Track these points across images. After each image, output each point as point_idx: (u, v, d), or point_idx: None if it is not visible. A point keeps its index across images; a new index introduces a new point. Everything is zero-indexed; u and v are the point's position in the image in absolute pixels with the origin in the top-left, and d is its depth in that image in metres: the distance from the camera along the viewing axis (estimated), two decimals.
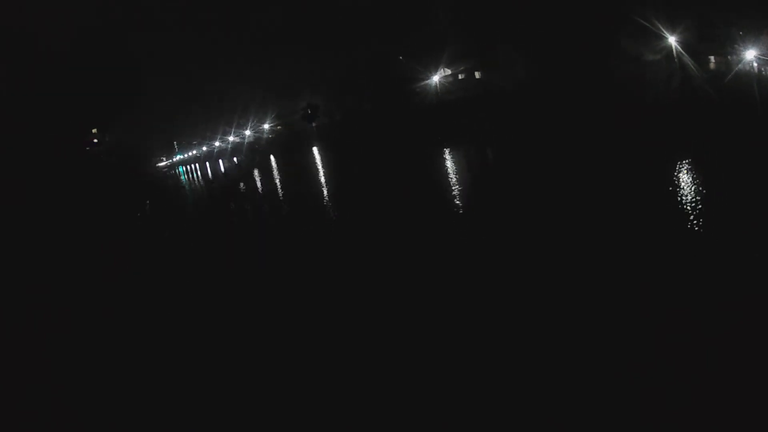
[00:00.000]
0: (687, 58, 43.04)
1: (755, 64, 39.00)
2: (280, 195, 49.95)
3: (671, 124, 36.37)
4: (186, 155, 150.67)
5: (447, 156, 53.00)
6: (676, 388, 10.49)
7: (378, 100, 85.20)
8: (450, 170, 43.52)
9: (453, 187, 35.13)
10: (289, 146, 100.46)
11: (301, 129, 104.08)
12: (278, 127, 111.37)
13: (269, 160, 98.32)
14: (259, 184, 63.86)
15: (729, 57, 41.41)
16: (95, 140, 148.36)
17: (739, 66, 39.73)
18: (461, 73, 74.28)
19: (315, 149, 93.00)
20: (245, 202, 50.86)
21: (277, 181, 63.18)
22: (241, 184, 66.40)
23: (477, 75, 72.35)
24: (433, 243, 23.53)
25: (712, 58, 43.57)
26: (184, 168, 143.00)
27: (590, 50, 50.22)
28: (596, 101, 45.65)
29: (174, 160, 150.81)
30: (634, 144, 34.89)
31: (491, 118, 59.33)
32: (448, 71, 75.87)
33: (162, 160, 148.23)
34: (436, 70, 75.63)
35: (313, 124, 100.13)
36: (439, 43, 76.24)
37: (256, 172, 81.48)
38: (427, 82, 76.25)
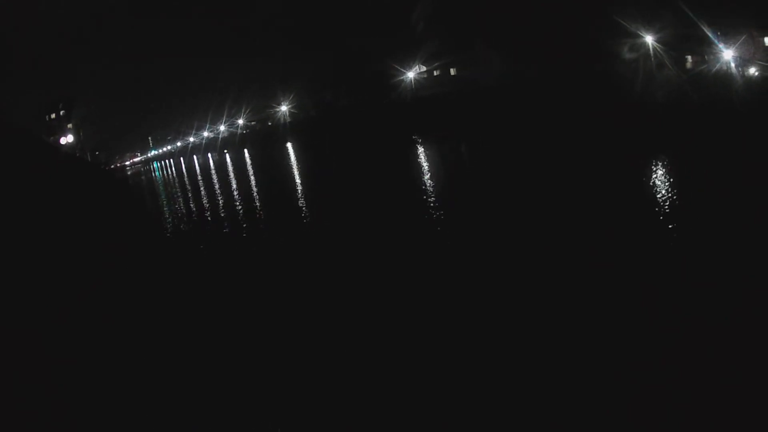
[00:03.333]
0: (664, 57, 41.58)
1: (733, 65, 37.62)
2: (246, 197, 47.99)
3: (649, 125, 35.41)
4: (160, 150, 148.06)
5: (420, 153, 52.00)
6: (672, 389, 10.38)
7: (353, 96, 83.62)
8: (422, 169, 42.35)
9: (424, 187, 34.04)
10: (263, 143, 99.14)
11: (276, 125, 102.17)
12: (252, 123, 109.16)
13: (243, 156, 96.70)
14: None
15: (706, 57, 40.02)
16: (70, 135, 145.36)
17: (717, 66, 38.36)
18: (436, 69, 72.75)
19: (289, 145, 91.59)
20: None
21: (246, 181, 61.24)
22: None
23: (452, 72, 70.87)
24: (400, 245, 22.67)
25: (689, 57, 42.22)
26: (159, 164, 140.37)
27: (565, 48, 48.79)
28: (571, 100, 44.80)
29: (149, 155, 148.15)
30: (608, 143, 34.15)
31: (465, 115, 58.39)
32: (424, 68, 74.34)
33: (136, 155, 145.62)
34: (411, 67, 74.10)
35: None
36: (415, 40, 74.89)
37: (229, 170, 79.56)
38: (402, 78, 74.71)
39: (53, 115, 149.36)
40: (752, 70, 37.14)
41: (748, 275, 14.17)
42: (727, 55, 38.18)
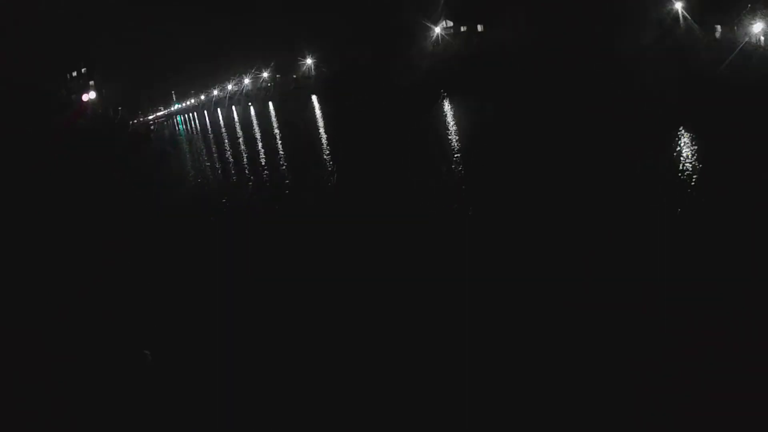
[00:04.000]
0: (693, 30, 42.11)
1: (762, 38, 38.70)
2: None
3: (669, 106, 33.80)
4: (184, 104, 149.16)
5: (447, 111, 52.74)
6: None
7: (378, 51, 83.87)
8: (449, 127, 43.17)
9: (449, 149, 35.15)
10: (288, 96, 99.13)
11: (301, 78, 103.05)
12: (278, 76, 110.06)
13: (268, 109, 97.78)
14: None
15: (735, 28, 40.94)
16: (92, 92, 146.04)
17: (747, 39, 39.35)
18: (464, 25, 73.02)
19: (314, 98, 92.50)
20: None
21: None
22: None
23: (479, 28, 71.15)
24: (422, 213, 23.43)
25: (718, 27, 43.09)
26: (182, 117, 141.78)
27: (591, 17, 49.40)
28: (593, 73, 45.05)
29: (172, 109, 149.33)
30: (623, 123, 32.54)
31: (491, 73, 58.97)
32: (450, 23, 74.59)
33: (160, 110, 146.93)
34: (437, 22, 74.32)
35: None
36: None
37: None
38: (428, 33, 75.13)
39: (74, 73, 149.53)
40: None
41: (748, 275, 14.15)
42: (757, 27, 39.11)
